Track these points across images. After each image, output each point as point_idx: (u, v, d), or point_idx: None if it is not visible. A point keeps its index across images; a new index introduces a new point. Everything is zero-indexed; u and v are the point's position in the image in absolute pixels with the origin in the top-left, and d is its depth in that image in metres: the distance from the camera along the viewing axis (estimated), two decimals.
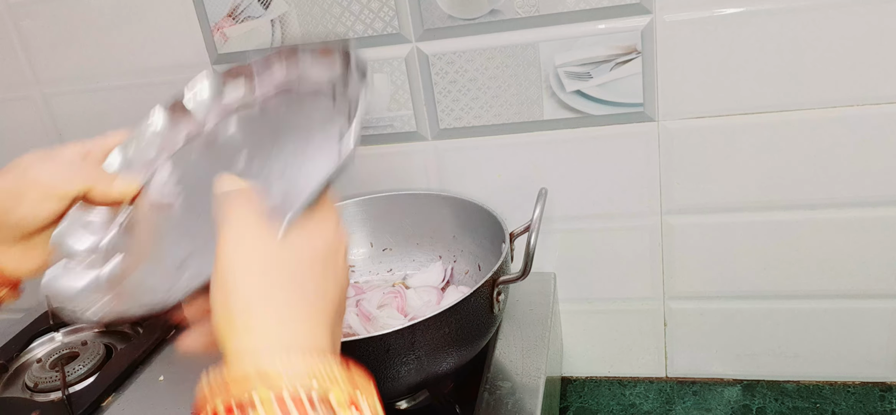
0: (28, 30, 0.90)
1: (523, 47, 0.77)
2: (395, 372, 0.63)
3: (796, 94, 0.72)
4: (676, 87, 0.75)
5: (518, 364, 0.74)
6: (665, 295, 0.87)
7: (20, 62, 0.92)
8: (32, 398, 0.83)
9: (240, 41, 0.84)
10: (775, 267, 0.81)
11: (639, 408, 0.88)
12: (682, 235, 0.82)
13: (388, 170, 0.87)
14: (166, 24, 0.85)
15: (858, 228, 0.77)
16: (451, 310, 0.63)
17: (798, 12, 0.69)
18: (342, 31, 0.80)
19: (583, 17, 0.74)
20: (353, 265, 0.88)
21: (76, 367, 0.85)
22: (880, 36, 0.68)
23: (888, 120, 0.71)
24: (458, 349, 0.66)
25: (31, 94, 0.94)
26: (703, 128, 0.76)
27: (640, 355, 0.91)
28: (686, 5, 0.71)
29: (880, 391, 0.85)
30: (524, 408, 0.68)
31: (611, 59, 0.75)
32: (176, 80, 0.88)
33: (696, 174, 0.78)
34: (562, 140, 0.80)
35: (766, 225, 0.79)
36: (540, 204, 0.66)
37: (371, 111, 0.84)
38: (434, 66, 0.80)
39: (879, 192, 0.75)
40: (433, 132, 0.84)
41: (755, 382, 0.89)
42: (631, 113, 0.77)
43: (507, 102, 0.80)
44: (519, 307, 0.83)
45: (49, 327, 0.96)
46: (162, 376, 0.84)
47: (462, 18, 0.77)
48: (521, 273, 0.64)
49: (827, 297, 0.82)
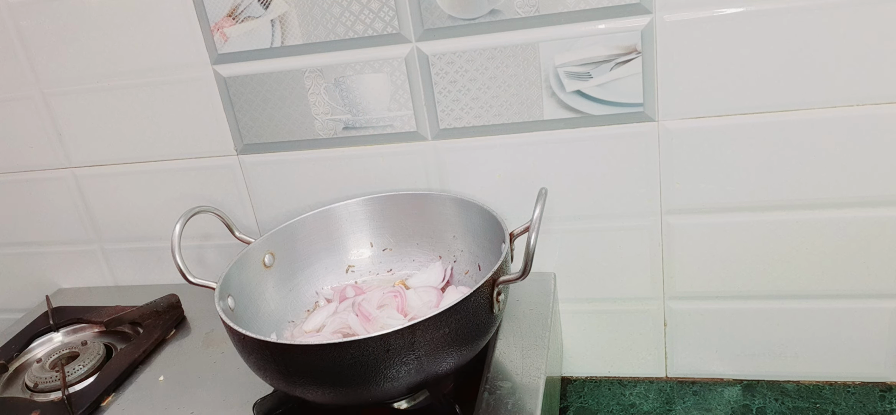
0: (28, 30, 0.90)
1: (523, 47, 0.77)
2: (395, 372, 0.63)
3: (796, 94, 0.72)
4: (676, 87, 0.75)
5: (518, 364, 0.74)
6: (665, 295, 0.87)
7: (20, 62, 0.92)
8: (32, 398, 0.83)
9: (240, 41, 0.84)
10: (775, 267, 0.81)
11: (639, 408, 0.88)
12: (682, 235, 0.82)
13: (388, 170, 0.88)
14: (166, 24, 0.85)
15: (858, 228, 0.77)
16: (451, 310, 0.63)
17: (798, 12, 0.69)
18: (342, 31, 0.80)
19: (583, 17, 0.74)
20: (353, 265, 0.88)
21: (76, 367, 0.85)
22: (880, 36, 0.68)
23: (888, 120, 0.71)
24: (458, 349, 0.66)
25: (31, 94, 0.94)
26: (703, 128, 0.76)
27: (640, 355, 0.92)
28: (686, 5, 0.71)
29: (880, 391, 0.85)
30: (524, 408, 0.68)
31: (611, 59, 0.75)
32: (176, 80, 0.88)
33: (696, 174, 0.78)
34: (562, 140, 0.80)
35: (766, 225, 0.79)
36: (540, 204, 0.66)
37: (369, 111, 0.84)
38: (434, 66, 0.80)
39: (879, 192, 0.75)
40: (433, 132, 0.84)
41: (755, 382, 0.89)
42: (631, 113, 0.77)
43: (507, 102, 0.80)
44: (519, 307, 0.83)
45: (49, 327, 0.96)
46: (162, 376, 0.84)
47: (462, 18, 0.77)
48: (521, 273, 0.64)
49: (827, 297, 0.82)
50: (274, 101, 0.86)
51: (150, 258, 1.04)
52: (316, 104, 0.85)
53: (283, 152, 0.90)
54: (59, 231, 1.05)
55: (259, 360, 0.66)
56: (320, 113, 0.86)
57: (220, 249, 0.97)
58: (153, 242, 1.02)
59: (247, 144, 0.90)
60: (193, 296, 0.95)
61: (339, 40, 0.81)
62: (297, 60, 0.83)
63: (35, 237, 1.07)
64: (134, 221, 1.01)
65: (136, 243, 1.03)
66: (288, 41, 0.82)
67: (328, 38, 0.81)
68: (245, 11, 0.82)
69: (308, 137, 0.88)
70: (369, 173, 0.88)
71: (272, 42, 0.83)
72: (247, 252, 0.81)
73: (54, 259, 1.08)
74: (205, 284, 0.75)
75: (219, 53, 0.85)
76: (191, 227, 0.77)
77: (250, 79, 0.86)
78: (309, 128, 0.87)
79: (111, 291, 1.06)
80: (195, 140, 0.92)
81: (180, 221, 0.76)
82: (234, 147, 0.91)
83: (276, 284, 0.83)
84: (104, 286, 1.08)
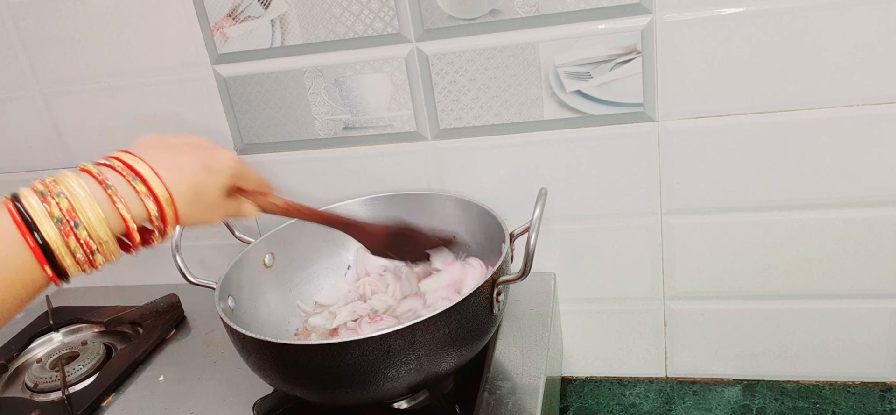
0: (28, 30, 0.90)
1: (523, 47, 0.77)
2: (395, 372, 0.63)
3: (796, 94, 0.72)
4: (676, 87, 0.75)
5: (518, 364, 0.74)
6: (665, 295, 0.87)
7: (20, 62, 0.92)
8: (32, 398, 0.83)
9: (240, 41, 0.84)
10: (775, 267, 0.81)
11: (639, 408, 0.88)
12: (682, 235, 0.82)
13: (388, 170, 0.88)
14: (166, 24, 0.85)
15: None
16: (451, 310, 0.63)
17: (798, 12, 0.69)
18: (342, 31, 0.80)
19: (583, 17, 0.74)
20: (352, 265, 0.88)
21: (76, 367, 0.85)
22: (881, 36, 0.68)
23: (888, 120, 0.71)
24: (458, 349, 0.66)
25: (31, 95, 0.94)
26: (703, 128, 0.76)
27: (640, 355, 0.92)
28: (686, 5, 0.71)
29: (880, 391, 0.85)
30: (524, 408, 0.68)
31: (611, 59, 0.75)
32: (176, 80, 0.88)
33: (696, 174, 0.78)
34: (562, 140, 0.80)
35: (766, 225, 0.79)
36: (540, 204, 0.66)
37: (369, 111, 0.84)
38: (434, 66, 0.80)
39: (879, 192, 0.75)
40: (433, 132, 0.84)
41: (755, 382, 0.89)
42: (631, 113, 0.77)
43: (507, 102, 0.80)
44: (519, 307, 0.83)
45: (49, 327, 0.96)
46: (162, 376, 0.84)
47: (462, 18, 0.77)
48: (521, 273, 0.64)
49: (827, 297, 0.82)
50: (274, 101, 0.86)
51: (150, 258, 1.03)
52: (316, 104, 0.85)
53: (283, 152, 0.90)
54: None
55: (259, 360, 0.66)
56: (320, 113, 0.86)
57: (220, 249, 0.97)
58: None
59: (247, 144, 0.90)
60: (193, 296, 0.95)
61: (339, 40, 0.81)
62: (297, 60, 0.83)
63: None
64: None
65: None
66: (288, 41, 0.82)
67: (328, 38, 0.81)
68: (245, 11, 0.82)
69: (308, 137, 0.88)
70: (369, 173, 0.88)
71: (272, 42, 0.83)
72: (247, 252, 0.81)
73: None
74: (205, 284, 0.75)
75: (219, 53, 0.85)
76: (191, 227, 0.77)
77: (250, 79, 0.86)
78: (309, 128, 0.87)
79: (111, 291, 1.06)
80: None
81: None
82: (234, 147, 0.91)
83: (276, 284, 0.83)
84: (104, 286, 1.08)
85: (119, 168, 0.52)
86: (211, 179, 0.57)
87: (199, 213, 0.57)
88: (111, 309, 0.97)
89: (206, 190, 0.57)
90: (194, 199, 0.55)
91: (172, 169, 0.54)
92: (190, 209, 0.55)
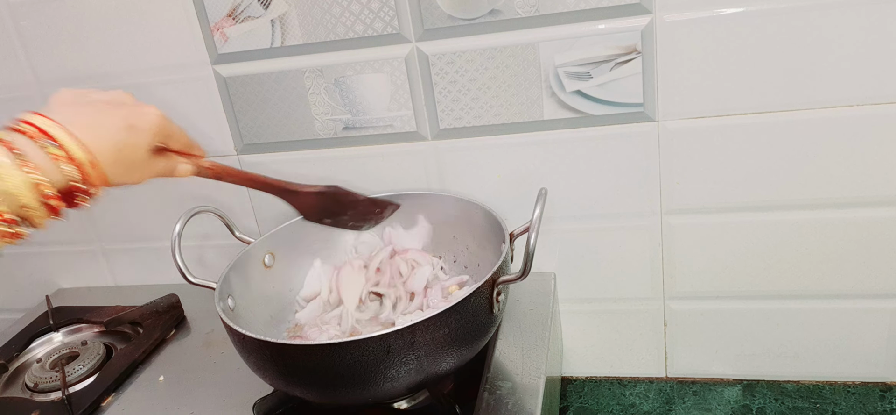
0: (28, 30, 0.90)
1: (523, 47, 0.77)
2: (395, 372, 0.63)
3: (796, 94, 0.72)
4: (676, 87, 0.75)
5: (518, 364, 0.74)
6: (665, 295, 0.87)
7: (20, 62, 0.92)
8: (32, 398, 0.83)
9: (240, 41, 0.84)
10: (775, 267, 0.81)
11: (639, 408, 0.88)
12: (682, 235, 0.82)
13: (388, 170, 0.88)
14: (166, 24, 0.85)
15: (858, 228, 0.77)
16: (451, 310, 0.63)
17: (798, 12, 0.69)
18: (342, 31, 0.80)
19: (583, 17, 0.74)
20: None
21: (76, 367, 0.85)
22: (880, 36, 0.68)
23: (888, 120, 0.71)
24: (458, 349, 0.66)
25: (31, 95, 0.94)
26: (703, 128, 0.76)
27: (640, 355, 0.91)
28: (686, 5, 0.71)
29: (880, 391, 0.85)
30: (524, 408, 0.68)
31: (611, 59, 0.75)
32: (176, 80, 0.88)
33: (696, 174, 0.78)
34: (562, 140, 0.80)
35: (766, 225, 0.79)
36: (540, 204, 0.66)
37: (369, 111, 0.84)
38: (434, 66, 0.80)
39: (879, 192, 0.75)
40: (433, 132, 0.84)
41: (755, 382, 0.89)
42: (631, 113, 0.77)
43: (507, 102, 0.80)
44: (519, 307, 0.83)
45: (49, 327, 0.96)
46: (162, 376, 0.84)
47: (462, 18, 0.77)
48: (521, 273, 0.64)
49: (827, 297, 0.82)
50: (274, 101, 0.86)
51: (150, 258, 1.04)
52: (316, 104, 0.85)
53: (283, 152, 0.90)
54: (59, 231, 1.04)
55: (259, 360, 0.66)
56: (320, 113, 0.86)
57: (220, 249, 0.97)
58: (153, 242, 1.02)
59: (247, 144, 0.90)
60: (193, 296, 0.95)
61: (339, 40, 0.81)
62: (297, 60, 0.83)
63: (35, 237, 1.06)
64: (134, 221, 1.01)
65: (136, 243, 1.03)
66: (288, 41, 0.82)
67: (328, 38, 0.81)
68: (245, 11, 0.82)
69: (308, 137, 0.88)
70: (369, 173, 0.88)
71: (272, 42, 0.83)
72: (247, 252, 0.81)
73: (54, 259, 1.08)
74: (205, 284, 0.75)
75: (219, 53, 0.85)
76: (191, 227, 0.77)
77: (250, 79, 0.86)
78: (309, 128, 0.87)
79: (111, 291, 1.06)
80: (195, 140, 0.91)
81: (180, 220, 0.77)
82: (234, 147, 0.91)
83: (276, 284, 0.83)
84: (104, 286, 1.08)
85: (32, 133, 0.50)
86: (134, 136, 0.55)
87: (125, 173, 0.55)
88: (111, 309, 0.97)
89: (129, 149, 0.55)
90: (118, 159, 0.54)
91: (91, 128, 0.52)
92: (114, 169, 0.54)
